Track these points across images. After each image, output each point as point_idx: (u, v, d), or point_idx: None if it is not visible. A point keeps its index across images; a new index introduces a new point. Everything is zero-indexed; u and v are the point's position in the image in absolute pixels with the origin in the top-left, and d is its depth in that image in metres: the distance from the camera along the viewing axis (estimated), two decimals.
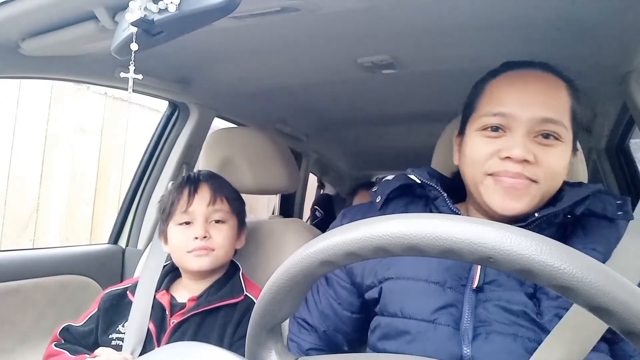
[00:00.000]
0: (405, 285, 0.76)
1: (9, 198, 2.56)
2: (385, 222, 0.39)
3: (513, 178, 0.71)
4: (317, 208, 2.72)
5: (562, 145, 0.73)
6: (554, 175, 0.72)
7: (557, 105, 0.74)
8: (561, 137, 0.73)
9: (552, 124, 0.72)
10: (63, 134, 2.77)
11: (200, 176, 1.11)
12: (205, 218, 1.04)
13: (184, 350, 0.45)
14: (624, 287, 0.34)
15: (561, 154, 0.73)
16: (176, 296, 1.07)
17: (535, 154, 0.71)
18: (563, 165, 0.73)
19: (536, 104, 0.73)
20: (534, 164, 0.71)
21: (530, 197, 0.71)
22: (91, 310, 1.09)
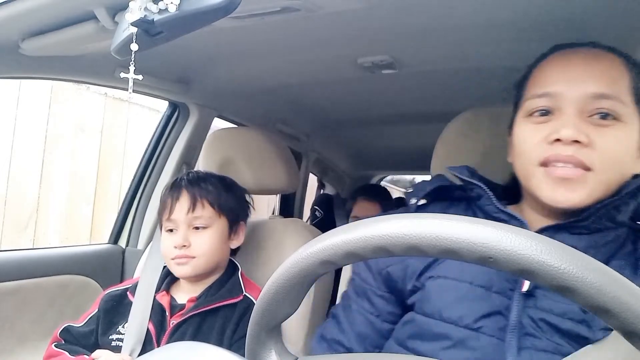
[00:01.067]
0: (446, 285, 0.68)
1: (9, 198, 2.55)
2: (385, 222, 0.39)
3: (565, 163, 0.62)
4: (317, 208, 2.72)
5: (623, 125, 0.63)
6: (613, 162, 0.62)
7: (610, 78, 0.64)
8: (620, 116, 0.63)
9: (605, 99, 0.63)
10: (63, 134, 2.77)
11: (183, 181, 1.08)
12: (186, 225, 1.03)
13: (184, 350, 0.45)
14: (624, 287, 0.34)
15: (622, 136, 0.63)
16: (176, 297, 1.07)
17: (589, 135, 0.62)
18: (624, 149, 0.63)
19: (585, 79, 0.64)
20: (588, 146, 0.62)
21: (586, 187, 0.62)
22: (91, 310, 1.09)
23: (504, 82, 1.37)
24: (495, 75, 1.31)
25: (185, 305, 1.04)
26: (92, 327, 1.06)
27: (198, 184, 1.08)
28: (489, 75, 1.31)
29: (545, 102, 0.67)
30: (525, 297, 0.64)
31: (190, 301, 1.04)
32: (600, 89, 0.63)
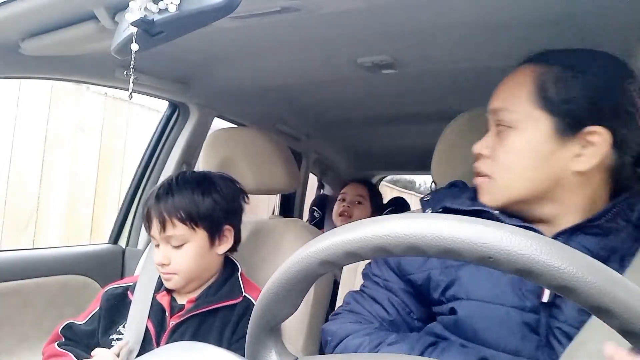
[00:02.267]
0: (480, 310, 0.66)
1: (9, 198, 2.55)
2: (385, 222, 0.39)
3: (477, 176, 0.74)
4: (315, 209, 2.73)
5: (517, 132, 0.67)
6: (507, 168, 0.68)
7: (507, 92, 0.71)
8: (512, 123, 0.68)
9: (500, 112, 0.71)
10: (63, 134, 2.77)
11: (151, 199, 1.03)
12: (165, 242, 1.01)
13: (184, 350, 0.45)
14: (624, 287, 0.34)
15: (516, 142, 0.67)
16: (176, 297, 1.07)
17: (493, 148, 0.71)
18: (519, 154, 0.67)
19: (492, 97, 0.75)
20: (490, 157, 0.71)
21: (490, 191, 0.71)
22: (93, 308, 1.08)
23: None
24: (495, 75, 1.31)
25: (184, 305, 1.03)
26: (94, 326, 1.06)
27: (166, 199, 1.01)
28: (489, 75, 1.30)
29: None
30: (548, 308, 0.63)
31: (189, 302, 1.03)
32: (496, 105, 0.72)
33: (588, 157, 0.65)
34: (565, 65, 0.68)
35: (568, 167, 0.66)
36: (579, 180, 0.66)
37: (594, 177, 0.66)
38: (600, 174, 0.66)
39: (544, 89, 0.67)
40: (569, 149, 0.65)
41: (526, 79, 0.70)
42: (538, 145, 0.66)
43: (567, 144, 0.65)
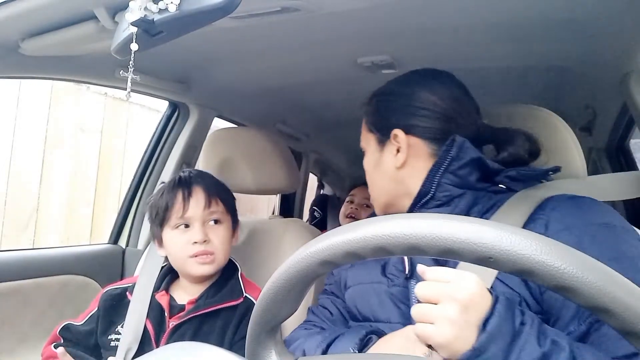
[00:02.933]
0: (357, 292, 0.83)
1: (9, 198, 2.55)
2: (385, 222, 0.39)
3: None
4: (315, 209, 2.73)
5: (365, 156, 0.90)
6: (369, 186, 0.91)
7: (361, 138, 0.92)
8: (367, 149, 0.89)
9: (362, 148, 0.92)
10: (63, 134, 2.77)
11: (192, 178, 1.08)
12: (202, 221, 1.02)
13: (184, 350, 0.45)
14: (624, 287, 0.34)
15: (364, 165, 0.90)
16: (175, 297, 1.06)
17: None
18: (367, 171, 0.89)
19: None
20: None
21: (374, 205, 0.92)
22: (91, 309, 1.08)
23: (504, 82, 1.38)
24: (495, 75, 1.31)
25: (184, 306, 1.03)
26: (92, 327, 1.06)
27: (208, 179, 1.09)
28: (489, 75, 1.31)
29: None
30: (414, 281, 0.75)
31: (190, 303, 1.03)
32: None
33: (401, 153, 0.81)
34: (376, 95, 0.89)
35: (392, 166, 0.83)
36: (407, 172, 0.82)
37: (419, 165, 0.80)
38: (424, 162, 0.80)
39: (367, 117, 0.89)
40: (388, 152, 0.84)
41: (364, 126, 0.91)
42: (371, 158, 0.88)
43: (385, 149, 0.84)
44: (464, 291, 0.51)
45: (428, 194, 0.78)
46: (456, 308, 0.51)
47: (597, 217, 0.67)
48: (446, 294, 0.52)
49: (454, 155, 0.76)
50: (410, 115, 0.81)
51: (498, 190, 0.79)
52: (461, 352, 0.50)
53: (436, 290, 0.53)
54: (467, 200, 0.76)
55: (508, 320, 0.52)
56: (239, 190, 1.40)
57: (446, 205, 0.77)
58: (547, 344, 0.51)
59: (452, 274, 0.54)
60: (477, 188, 0.78)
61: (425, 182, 0.78)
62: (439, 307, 0.52)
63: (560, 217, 0.68)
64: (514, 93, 1.48)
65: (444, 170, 0.76)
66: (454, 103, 0.81)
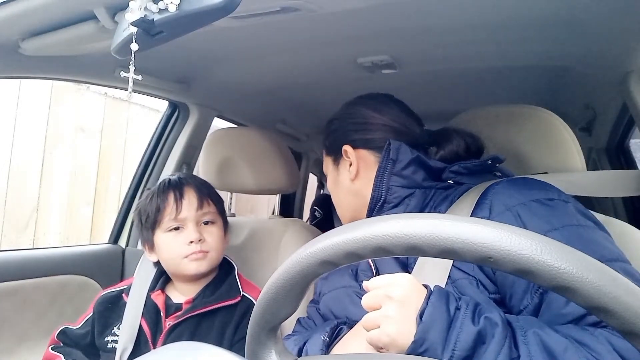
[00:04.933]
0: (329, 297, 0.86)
1: (9, 198, 2.56)
2: (385, 222, 0.39)
3: None
4: (316, 208, 2.72)
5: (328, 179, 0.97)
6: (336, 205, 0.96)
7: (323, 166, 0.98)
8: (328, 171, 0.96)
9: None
10: (63, 134, 2.77)
11: (183, 180, 1.08)
12: (195, 222, 1.02)
13: (184, 350, 0.45)
14: (624, 287, 0.34)
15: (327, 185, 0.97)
16: (171, 297, 1.06)
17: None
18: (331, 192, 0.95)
19: None
20: None
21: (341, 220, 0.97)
22: (87, 313, 1.09)
23: (504, 82, 1.38)
24: (495, 75, 1.31)
25: (181, 305, 1.02)
26: (87, 329, 1.06)
27: (199, 180, 1.11)
28: (489, 75, 1.31)
29: None
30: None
31: (186, 302, 1.02)
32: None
33: (352, 166, 0.87)
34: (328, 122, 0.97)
35: (348, 180, 0.88)
36: (361, 183, 0.87)
37: (369, 175, 0.85)
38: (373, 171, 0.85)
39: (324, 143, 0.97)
40: (342, 168, 0.90)
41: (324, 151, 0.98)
42: (331, 177, 0.94)
43: (340, 167, 0.91)
44: (398, 289, 0.57)
45: (381, 198, 0.82)
46: (393, 306, 0.56)
47: (536, 194, 0.69)
48: (384, 297, 0.57)
49: (394, 158, 0.81)
50: (354, 132, 0.89)
51: (448, 186, 0.82)
52: (406, 346, 0.54)
53: (376, 297, 0.58)
54: (417, 198, 0.81)
55: (442, 308, 0.55)
56: (239, 190, 1.40)
57: (398, 205, 0.81)
58: (480, 321, 0.54)
59: (387, 278, 0.59)
60: (425, 186, 0.82)
61: (375, 187, 0.82)
62: (380, 310, 0.57)
63: (502, 198, 0.70)
64: (514, 93, 1.48)
65: (388, 173, 0.81)
66: (391, 115, 0.89)
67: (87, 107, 2.88)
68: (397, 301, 0.56)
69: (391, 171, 0.81)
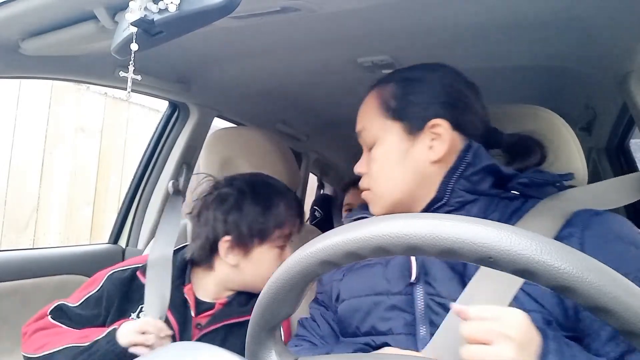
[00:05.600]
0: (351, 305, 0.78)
1: (9, 198, 2.55)
2: (385, 222, 0.39)
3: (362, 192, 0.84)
4: (316, 208, 2.72)
5: (379, 144, 0.79)
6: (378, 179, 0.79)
7: (362, 115, 0.84)
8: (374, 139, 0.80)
9: (361, 133, 0.83)
10: (63, 134, 2.77)
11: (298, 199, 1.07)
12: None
13: (184, 350, 0.45)
14: (624, 287, 0.34)
15: (379, 153, 0.79)
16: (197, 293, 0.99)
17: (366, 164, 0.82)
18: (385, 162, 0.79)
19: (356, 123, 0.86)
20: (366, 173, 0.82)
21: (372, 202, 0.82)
22: (88, 290, 0.99)
23: (504, 82, 1.38)
24: (496, 75, 1.31)
25: (212, 305, 0.97)
26: (94, 312, 0.96)
27: None
28: (488, 75, 1.31)
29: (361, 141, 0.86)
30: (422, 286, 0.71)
31: (220, 304, 0.97)
32: (358, 127, 0.85)
33: (438, 146, 0.75)
34: (398, 80, 0.82)
35: (425, 159, 0.76)
36: (438, 169, 0.76)
37: (449, 162, 0.76)
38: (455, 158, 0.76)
39: (386, 103, 0.80)
40: (420, 143, 0.76)
41: (373, 101, 0.83)
42: (394, 149, 0.78)
43: (417, 140, 0.77)
44: (517, 328, 0.50)
45: (442, 200, 0.75)
46: (513, 347, 0.49)
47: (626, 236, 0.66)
48: (499, 334, 0.49)
49: (470, 161, 0.73)
50: (451, 107, 0.76)
51: (512, 197, 0.76)
52: None
53: (487, 330, 0.50)
54: (479, 206, 0.74)
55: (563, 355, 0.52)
56: None
57: (458, 210, 0.74)
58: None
59: (497, 310, 0.51)
60: (489, 194, 0.75)
61: (440, 188, 0.75)
62: (494, 348, 0.49)
63: (593, 235, 0.66)
64: (514, 93, 1.48)
65: (458, 176, 0.74)
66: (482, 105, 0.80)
67: (87, 107, 2.87)
68: (516, 343, 0.49)
69: (462, 174, 0.74)
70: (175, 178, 1.51)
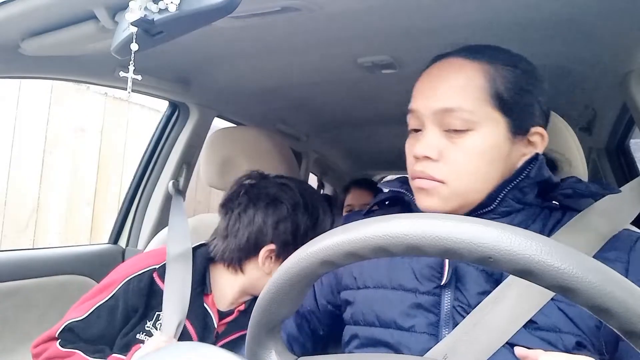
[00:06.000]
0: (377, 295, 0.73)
1: (9, 198, 2.55)
2: (385, 222, 0.39)
3: (420, 178, 0.69)
4: None
5: (475, 133, 0.66)
6: (465, 173, 0.67)
7: (459, 91, 0.67)
8: (470, 125, 0.66)
9: (453, 112, 0.66)
10: (63, 134, 2.77)
11: None
12: None
13: (184, 350, 0.45)
14: (624, 287, 0.34)
15: (472, 144, 0.66)
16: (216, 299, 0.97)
17: (441, 150, 0.67)
18: (479, 156, 0.67)
19: (436, 95, 0.68)
20: (439, 161, 0.67)
21: (441, 197, 0.68)
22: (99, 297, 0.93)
23: None
24: None
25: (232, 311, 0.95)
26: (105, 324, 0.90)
27: None
28: None
29: (413, 119, 0.73)
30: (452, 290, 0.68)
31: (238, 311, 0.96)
32: (447, 104, 0.67)
33: (527, 156, 0.70)
34: (513, 66, 0.71)
35: (515, 167, 0.70)
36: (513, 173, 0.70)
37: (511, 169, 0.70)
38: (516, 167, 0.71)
39: (497, 90, 0.68)
40: (518, 149, 0.69)
41: (478, 78, 0.68)
42: (495, 145, 0.67)
43: (516, 145, 0.69)
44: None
45: (489, 206, 0.69)
46: None
47: None
48: None
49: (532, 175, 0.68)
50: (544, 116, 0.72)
51: (552, 207, 0.73)
52: None
53: None
54: (522, 216, 0.70)
55: None
56: None
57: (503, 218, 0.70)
58: None
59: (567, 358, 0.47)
60: (532, 204, 0.71)
61: (491, 194, 0.68)
62: None
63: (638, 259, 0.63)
64: None
65: (513, 186, 0.68)
66: None
67: (87, 107, 2.87)
68: None
69: (518, 184, 0.68)
70: (176, 178, 1.51)
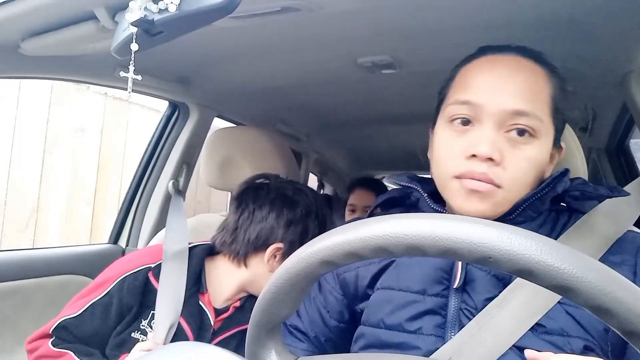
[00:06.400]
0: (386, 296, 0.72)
1: (9, 198, 2.55)
2: (385, 222, 0.39)
3: (478, 180, 0.63)
4: None
5: (537, 142, 0.65)
6: (521, 181, 0.65)
7: (532, 95, 0.65)
8: (536, 133, 0.64)
9: (525, 117, 0.63)
10: (63, 135, 2.77)
11: None
12: None
13: (184, 350, 0.45)
14: (624, 287, 0.34)
15: (535, 153, 0.65)
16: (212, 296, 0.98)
17: (502, 153, 0.63)
18: (534, 166, 0.65)
19: (508, 93, 0.64)
20: (500, 165, 0.63)
21: (493, 201, 0.64)
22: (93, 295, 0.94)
23: None
24: None
25: (228, 308, 0.96)
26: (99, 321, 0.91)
27: None
28: None
29: (466, 110, 0.67)
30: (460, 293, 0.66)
31: (234, 307, 0.96)
32: (521, 106, 0.64)
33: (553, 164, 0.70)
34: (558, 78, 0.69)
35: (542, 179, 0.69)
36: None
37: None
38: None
39: (555, 100, 0.67)
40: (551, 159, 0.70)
41: (546, 85, 0.67)
42: (546, 160, 0.68)
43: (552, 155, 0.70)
44: None
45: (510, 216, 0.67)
46: None
47: None
48: None
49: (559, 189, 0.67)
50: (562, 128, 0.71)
51: (560, 210, 0.72)
52: None
53: None
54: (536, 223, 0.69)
55: None
56: None
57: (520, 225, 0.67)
58: None
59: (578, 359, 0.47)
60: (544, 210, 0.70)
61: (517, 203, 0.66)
62: None
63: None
64: None
65: (535, 199, 0.67)
66: None
67: (87, 107, 2.87)
68: None
69: (540, 197, 0.67)
70: (175, 178, 1.51)
